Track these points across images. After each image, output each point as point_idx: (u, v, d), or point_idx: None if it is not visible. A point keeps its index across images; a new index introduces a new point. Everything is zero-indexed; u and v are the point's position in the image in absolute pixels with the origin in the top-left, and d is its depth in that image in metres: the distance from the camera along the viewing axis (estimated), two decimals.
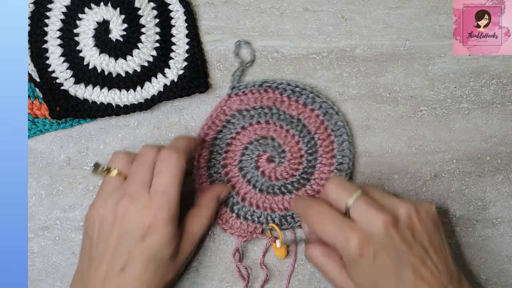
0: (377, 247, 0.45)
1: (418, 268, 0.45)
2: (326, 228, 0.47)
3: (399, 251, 0.45)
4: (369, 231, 0.45)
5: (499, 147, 0.59)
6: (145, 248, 0.46)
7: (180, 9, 0.58)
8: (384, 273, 0.45)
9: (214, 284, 0.57)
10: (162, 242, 0.46)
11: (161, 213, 0.46)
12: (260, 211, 0.56)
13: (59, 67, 0.56)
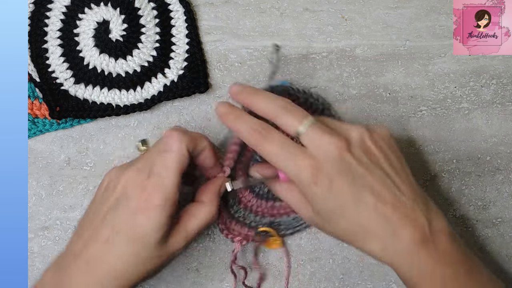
0: (332, 173, 0.43)
1: (378, 191, 0.43)
2: (276, 155, 0.44)
3: (356, 175, 0.43)
4: (322, 158, 0.43)
5: (499, 147, 0.59)
6: (133, 226, 0.44)
7: (180, 9, 0.58)
8: (342, 199, 0.43)
9: (214, 284, 0.57)
10: (151, 225, 0.44)
11: (155, 195, 0.44)
12: (259, 216, 0.55)
13: (59, 67, 0.56)
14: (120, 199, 0.45)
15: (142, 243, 0.44)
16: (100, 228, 0.45)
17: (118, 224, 0.44)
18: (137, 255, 0.44)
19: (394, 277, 0.57)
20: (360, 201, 0.43)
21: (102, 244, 0.44)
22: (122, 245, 0.44)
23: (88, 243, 0.45)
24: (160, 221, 0.44)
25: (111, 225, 0.45)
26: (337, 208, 0.44)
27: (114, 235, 0.44)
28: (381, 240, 0.43)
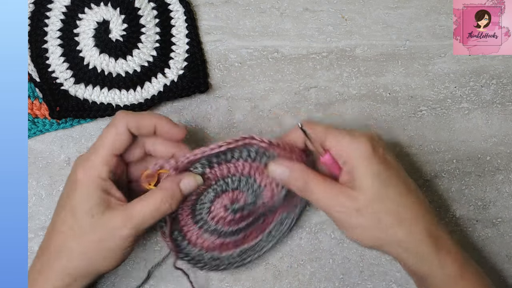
0: (384, 147, 0.48)
1: (412, 181, 0.49)
2: (334, 132, 0.47)
3: (395, 157, 0.49)
4: (372, 135, 0.48)
5: (499, 147, 0.59)
6: (65, 199, 0.46)
7: (180, 9, 0.58)
8: (394, 172, 0.47)
9: (214, 284, 0.57)
10: (77, 196, 0.45)
11: (81, 167, 0.46)
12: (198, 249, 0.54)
13: (59, 67, 0.56)
14: (68, 178, 0.47)
15: (74, 215, 0.45)
16: (53, 214, 0.47)
17: (59, 203, 0.47)
18: (72, 229, 0.45)
19: (394, 277, 0.57)
20: (407, 183, 0.47)
21: (49, 227, 0.47)
22: (59, 222, 0.46)
23: (46, 229, 0.48)
24: (85, 192, 0.45)
25: (56, 207, 0.47)
26: (389, 179, 0.46)
27: (55, 215, 0.47)
28: (427, 226, 0.46)
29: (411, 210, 0.46)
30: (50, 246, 0.46)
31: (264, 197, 0.52)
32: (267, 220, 0.55)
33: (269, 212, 0.54)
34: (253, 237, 0.55)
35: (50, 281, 0.45)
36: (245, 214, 0.53)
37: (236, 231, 0.54)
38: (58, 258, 0.45)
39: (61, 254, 0.45)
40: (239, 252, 0.55)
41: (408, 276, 0.57)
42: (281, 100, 0.59)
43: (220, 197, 0.52)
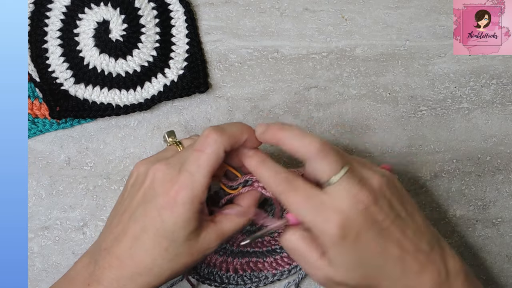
0: (360, 227, 0.43)
1: (401, 242, 0.44)
2: (301, 206, 0.43)
3: (381, 228, 0.44)
4: (349, 212, 0.43)
5: (499, 147, 0.59)
6: (160, 222, 0.44)
7: (180, 9, 0.58)
8: (369, 253, 0.43)
9: None
10: (177, 221, 0.43)
11: (182, 192, 0.43)
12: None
13: (59, 67, 0.56)
14: (147, 194, 0.45)
15: (170, 240, 0.44)
16: (129, 224, 0.45)
17: (146, 220, 0.44)
18: (166, 252, 0.44)
19: None
20: (388, 254, 0.44)
21: (131, 241, 0.45)
22: (150, 241, 0.44)
23: (118, 239, 0.45)
24: (186, 218, 0.44)
25: (139, 221, 0.45)
26: (364, 260, 0.43)
27: (142, 232, 0.44)
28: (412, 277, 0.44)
29: (389, 278, 0.44)
30: (136, 263, 0.44)
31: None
32: (262, 265, 0.56)
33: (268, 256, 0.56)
34: (253, 268, 0.56)
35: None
36: (257, 241, 0.56)
37: (243, 253, 0.56)
38: (145, 275, 0.44)
39: (150, 272, 0.44)
40: (240, 276, 0.56)
41: None
42: (281, 100, 0.59)
43: None
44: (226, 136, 0.45)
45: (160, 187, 0.44)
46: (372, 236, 0.43)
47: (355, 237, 0.43)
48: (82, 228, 0.57)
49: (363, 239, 0.43)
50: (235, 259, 0.56)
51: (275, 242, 0.56)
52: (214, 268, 0.55)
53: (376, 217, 0.43)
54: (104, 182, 0.58)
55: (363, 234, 0.43)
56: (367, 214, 0.43)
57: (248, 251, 0.56)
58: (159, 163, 0.45)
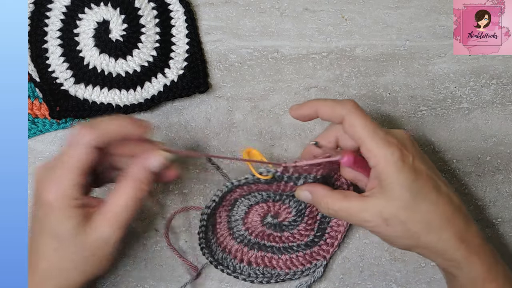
0: (414, 154, 0.46)
1: (445, 182, 0.48)
2: (370, 133, 0.45)
3: (428, 163, 0.48)
4: (402, 141, 0.46)
5: (499, 147, 0.59)
6: (43, 223, 0.44)
7: (180, 9, 0.58)
8: (423, 182, 0.45)
9: (214, 284, 0.57)
10: (55, 220, 0.43)
11: (52, 190, 0.43)
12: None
13: (59, 67, 0.56)
14: (34, 198, 0.45)
15: (56, 240, 0.44)
16: (31, 229, 0.45)
17: (35, 224, 0.45)
18: (56, 251, 0.44)
19: (394, 277, 0.57)
20: (437, 187, 0.46)
21: (30, 248, 0.45)
22: (40, 244, 0.44)
23: (30, 245, 0.45)
24: (64, 216, 0.43)
25: (33, 228, 0.45)
26: (418, 189, 0.45)
27: (35, 237, 0.45)
28: (457, 229, 0.46)
29: (441, 217, 0.45)
30: (38, 269, 0.44)
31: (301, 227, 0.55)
32: (278, 262, 0.56)
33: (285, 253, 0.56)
34: (266, 263, 0.56)
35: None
36: (275, 235, 0.56)
37: (260, 246, 0.56)
38: (52, 278, 0.44)
39: (52, 274, 0.44)
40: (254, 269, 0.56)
41: (408, 276, 0.57)
42: (281, 100, 0.59)
43: (263, 204, 0.55)
44: (96, 132, 0.44)
45: (38, 188, 0.44)
46: (424, 167, 0.46)
47: (412, 162, 0.45)
48: None
49: (418, 167, 0.45)
50: (251, 250, 0.56)
51: (293, 238, 0.56)
52: (228, 255, 0.56)
53: (422, 154, 0.48)
54: None
55: (417, 162, 0.46)
56: (414, 146, 0.47)
57: (265, 244, 0.56)
58: (40, 166, 0.45)
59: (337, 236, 0.55)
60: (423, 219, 0.45)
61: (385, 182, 0.45)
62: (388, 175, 0.44)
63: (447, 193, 0.46)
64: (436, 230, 0.45)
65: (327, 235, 0.55)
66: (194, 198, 0.57)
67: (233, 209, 0.55)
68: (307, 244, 0.55)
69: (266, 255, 0.56)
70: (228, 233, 0.56)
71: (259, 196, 0.54)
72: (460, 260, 0.46)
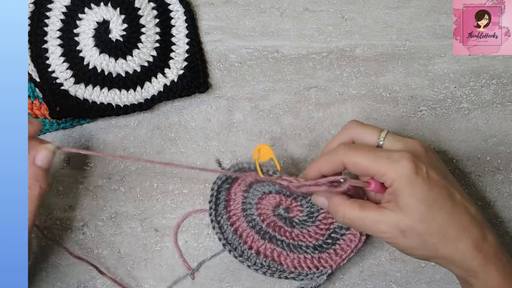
0: (427, 164, 0.45)
1: (460, 190, 0.47)
2: (373, 160, 0.45)
3: (442, 171, 0.47)
4: (414, 151, 0.46)
5: (499, 147, 0.59)
6: None
7: (180, 9, 0.58)
8: (438, 192, 0.45)
9: (214, 284, 0.57)
10: None
11: None
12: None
13: (59, 67, 0.56)
14: None
15: None
16: None
17: None
18: None
19: (394, 277, 0.57)
20: (452, 197, 0.45)
21: None
22: None
23: None
24: None
25: None
26: (433, 201, 0.45)
27: None
28: (474, 239, 0.45)
29: (457, 227, 0.45)
30: None
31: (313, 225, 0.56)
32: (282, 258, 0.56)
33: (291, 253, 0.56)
34: (269, 255, 0.56)
35: None
36: (285, 228, 0.56)
37: (270, 237, 0.56)
38: None
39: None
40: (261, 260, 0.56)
41: (408, 276, 0.57)
42: (281, 100, 0.59)
43: (276, 195, 0.56)
44: None
45: None
46: (438, 176, 0.45)
47: (425, 174, 0.45)
48: (82, 228, 0.57)
49: (432, 177, 0.45)
50: (262, 240, 0.56)
51: (303, 238, 0.56)
52: (239, 238, 0.56)
53: (436, 162, 0.47)
54: (104, 182, 0.58)
55: (431, 172, 0.45)
56: (428, 156, 0.47)
57: (275, 237, 0.56)
58: None
59: (347, 250, 0.55)
60: (439, 231, 0.45)
61: (400, 197, 0.45)
62: (403, 190, 0.44)
63: (462, 202, 0.46)
64: (453, 241, 0.45)
65: (338, 246, 0.55)
66: (194, 198, 0.57)
67: (248, 191, 0.56)
68: (316, 248, 0.55)
69: (276, 248, 0.56)
70: (242, 213, 0.56)
71: (272, 186, 0.55)
72: (476, 270, 0.45)
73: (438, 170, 0.46)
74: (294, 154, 0.58)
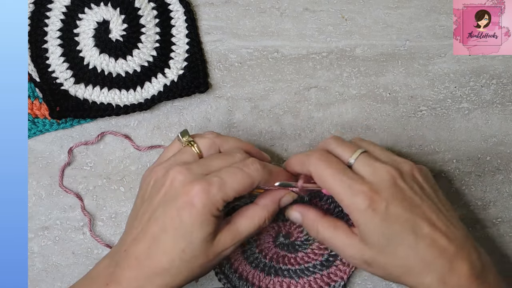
0: (389, 199, 0.44)
1: (433, 221, 0.44)
2: (332, 181, 0.45)
3: (411, 203, 0.44)
4: (377, 183, 0.44)
5: (499, 147, 0.59)
6: (178, 223, 0.44)
7: (180, 9, 0.58)
8: (399, 227, 0.43)
9: (214, 284, 0.57)
10: (196, 222, 0.44)
11: (204, 193, 0.44)
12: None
13: (59, 67, 0.56)
14: (168, 194, 0.45)
15: (187, 241, 0.44)
16: (149, 225, 0.45)
17: (166, 220, 0.44)
18: (183, 252, 0.44)
19: None
20: (417, 230, 0.44)
21: (150, 241, 0.45)
22: (168, 242, 0.44)
23: (137, 239, 0.45)
24: (204, 220, 0.44)
25: (158, 221, 0.45)
26: (393, 236, 0.44)
27: (161, 232, 0.44)
28: (439, 274, 0.44)
29: (420, 262, 0.44)
30: (154, 264, 0.44)
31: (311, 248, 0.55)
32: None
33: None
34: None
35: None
36: (289, 256, 0.56)
37: (276, 270, 0.55)
38: (163, 276, 0.44)
39: (167, 273, 0.44)
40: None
41: None
42: (281, 100, 0.59)
43: (273, 225, 0.55)
44: (267, 173, 0.47)
45: (181, 187, 0.45)
46: (401, 210, 0.44)
47: (385, 209, 0.43)
48: (82, 228, 0.57)
49: (393, 212, 0.43)
50: (268, 276, 0.55)
51: (308, 258, 0.55)
52: (245, 282, 0.55)
53: (405, 193, 0.45)
54: (104, 182, 0.58)
55: (393, 207, 0.43)
56: (395, 187, 0.44)
57: (281, 268, 0.55)
58: (180, 166, 0.46)
59: None
60: (402, 264, 0.44)
61: (360, 228, 0.45)
62: (360, 223, 0.44)
63: (429, 235, 0.44)
64: (417, 275, 0.44)
65: None
66: None
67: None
68: (323, 264, 0.55)
69: (284, 280, 0.55)
70: (242, 256, 0.56)
71: None
72: None
73: (404, 202, 0.44)
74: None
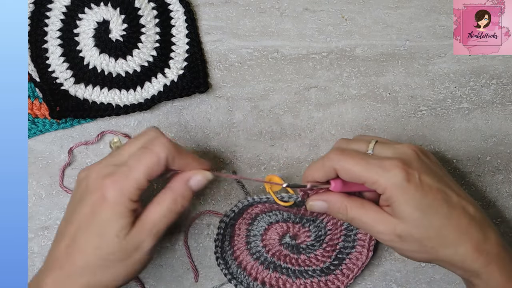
0: (420, 169, 0.45)
1: (457, 191, 0.46)
2: (360, 167, 0.45)
3: (436, 174, 0.46)
4: (404, 158, 0.45)
5: (499, 147, 0.59)
6: (91, 219, 0.43)
7: (180, 9, 0.58)
8: (432, 196, 0.44)
9: (214, 284, 0.57)
10: (110, 216, 0.43)
11: (112, 186, 0.43)
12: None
13: (59, 67, 0.56)
14: (82, 194, 0.45)
15: (101, 236, 0.43)
16: (67, 226, 0.45)
17: (80, 219, 0.44)
18: (97, 249, 0.43)
19: (394, 277, 0.57)
20: (448, 199, 0.45)
21: (68, 241, 0.44)
22: (83, 240, 0.44)
23: (57, 241, 0.45)
24: (117, 213, 0.43)
25: (74, 222, 0.44)
26: (428, 206, 0.44)
27: (77, 231, 0.44)
28: (474, 242, 0.45)
29: (455, 230, 0.45)
30: (71, 262, 0.44)
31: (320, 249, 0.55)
32: None
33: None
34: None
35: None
36: (291, 256, 0.56)
37: (275, 266, 0.56)
38: (82, 275, 0.43)
39: (85, 271, 0.43)
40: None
41: (408, 276, 0.57)
42: (281, 100, 0.59)
43: (283, 224, 0.55)
44: (174, 150, 0.45)
45: (92, 184, 0.44)
46: (432, 180, 0.45)
47: (418, 180, 0.44)
48: None
49: (426, 182, 0.44)
50: (266, 270, 0.56)
51: (310, 263, 0.55)
52: (243, 271, 0.56)
53: (429, 165, 0.46)
54: None
55: (424, 176, 0.45)
56: (420, 160, 0.46)
57: (281, 265, 0.56)
58: (94, 164, 0.46)
59: (354, 269, 0.55)
60: (437, 235, 0.45)
61: (394, 204, 0.45)
62: (396, 198, 0.44)
63: (460, 204, 0.46)
64: (452, 244, 0.45)
65: (345, 265, 0.55)
66: (194, 198, 0.57)
67: (253, 223, 0.56)
68: (323, 271, 0.55)
69: (281, 277, 0.55)
70: (245, 247, 0.56)
71: (279, 215, 0.55)
72: (478, 271, 0.45)
73: (432, 173, 0.46)
74: (294, 154, 0.58)
